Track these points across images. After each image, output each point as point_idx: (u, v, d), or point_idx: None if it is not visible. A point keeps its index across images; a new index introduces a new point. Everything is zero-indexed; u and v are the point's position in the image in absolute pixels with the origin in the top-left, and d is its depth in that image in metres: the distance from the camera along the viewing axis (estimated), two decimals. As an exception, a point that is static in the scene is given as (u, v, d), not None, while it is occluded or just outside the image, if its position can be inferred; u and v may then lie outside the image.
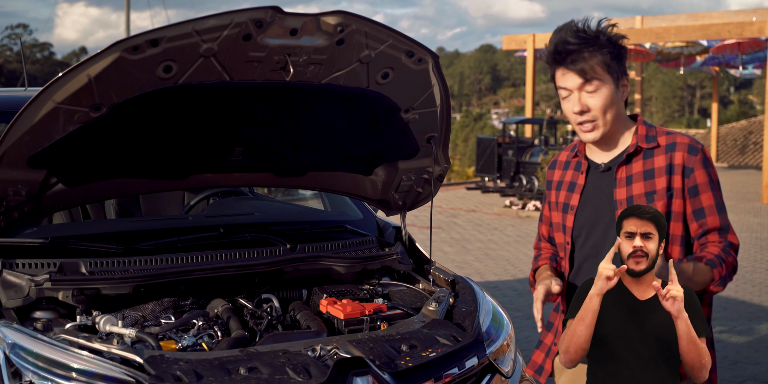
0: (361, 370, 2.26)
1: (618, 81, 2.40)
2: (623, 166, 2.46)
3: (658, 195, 2.39)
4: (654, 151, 2.42)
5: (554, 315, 2.64)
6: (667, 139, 2.43)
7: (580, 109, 2.41)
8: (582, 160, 2.56)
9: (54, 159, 2.50)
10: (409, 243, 3.33)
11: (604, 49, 2.38)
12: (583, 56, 2.37)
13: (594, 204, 2.51)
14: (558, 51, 2.41)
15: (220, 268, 2.75)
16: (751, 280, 8.61)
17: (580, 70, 2.37)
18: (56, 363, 2.18)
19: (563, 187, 2.61)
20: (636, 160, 2.44)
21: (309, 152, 2.99)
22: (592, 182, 2.53)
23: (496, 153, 17.36)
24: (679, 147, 2.39)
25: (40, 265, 2.58)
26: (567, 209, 2.56)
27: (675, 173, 2.39)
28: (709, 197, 2.38)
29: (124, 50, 2.27)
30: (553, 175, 2.67)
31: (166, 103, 2.51)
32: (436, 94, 2.84)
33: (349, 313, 2.68)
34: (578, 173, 2.56)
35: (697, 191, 2.39)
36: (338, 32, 2.49)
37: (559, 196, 2.61)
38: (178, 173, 2.89)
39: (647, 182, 2.41)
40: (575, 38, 2.39)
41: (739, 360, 5.67)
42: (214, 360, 2.25)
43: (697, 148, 2.40)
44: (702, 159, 2.39)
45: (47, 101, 2.31)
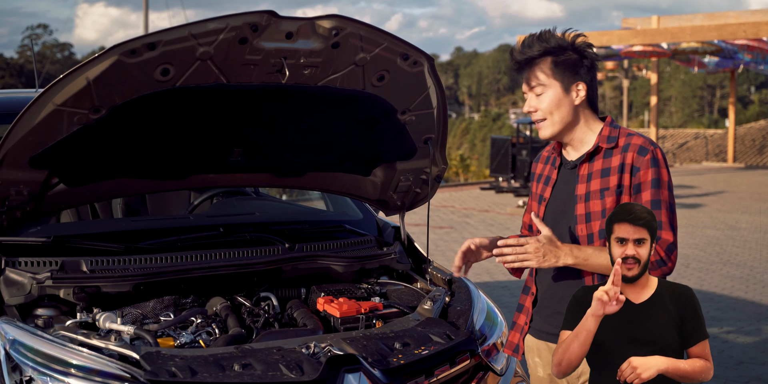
0: (353, 367, 2.30)
1: (569, 85, 2.59)
2: (585, 164, 2.62)
3: (609, 191, 2.54)
4: (612, 151, 2.59)
5: (523, 297, 2.73)
6: (626, 140, 2.60)
7: (528, 109, 2.64)
8: (556, 156, 2.73)
9: (55, 159, 2.56)
10: (408, 243, 3.37)
11: (550, 56, 2.58)
12: (528, 65, 2.59)
13: (561, 198, 2.66)
14: (513, 62, 2.64)
15: (220, 266, 2.81)
16: (761, 281, 8.58)
17: (525, 79, 2.61)
18: (55, 359, 2.24)
19: (542, 180, 2.78)
20: (597, 158, 2.61)
21: (307, 153, 3.04)
22: (562, 178, 2.69)
23: (510, 153, 17.35)
24: (632, 147, 2.56)
25: (42, 263, 2.64)
26: (540, 200, 2.73)
27: (625, 172, 2.55)
28: (648, 194, 2.52)
29: (122, 53, 2.33)
30: (536, 168, 2.85)
31: (164, 105, 2.56)
32: (432, 96, 2.88)
33: (345, 312, 2.73)
34: (552, 168, 2.74)
35: (639, 189, 2.53)
36: (333, 36, 2.53)
37: (537, 188, 2.78)
38: (178, 174, 2.94)
39: (603, 179, 2.57)
40: (522, 49, 2.61)
41: (745, 360, 5.67)
42: (209, 356, 2.30)
43: (647, 149, 2.56)
44: (651, 159, 2.54)
45: (47, 103, 2.38)
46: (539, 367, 2.72)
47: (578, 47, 2.61)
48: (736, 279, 8.63)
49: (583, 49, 2.62)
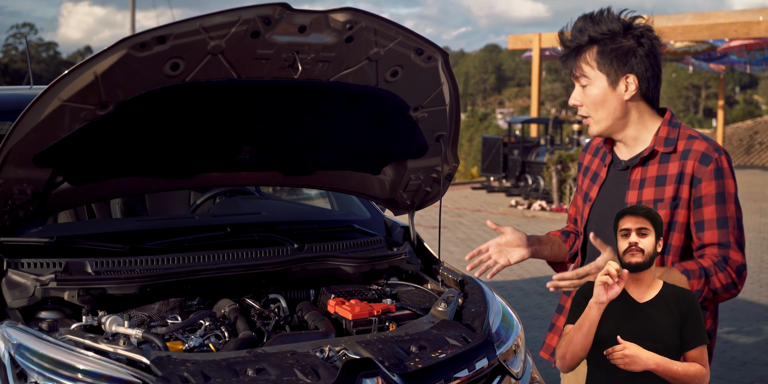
0: (370, 372, 2.23)
1: (617, 78, 2.35)
2: (638, 168, 2.42)
3: (663, 203, 2.34)
4: (670, 156, 2.37)
5: (564, 298, 2.63)
6: (686, 144, 2.35)
7: (573, 102, 2.44)
8: (608, 152, 2.53)
9: (60, 157, 2.48)
10: (417, 243, 3.30)
11: (597, 45, 2.34)
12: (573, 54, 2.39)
13: (609, 201, 2.48)
14: (561, 44, 2.44)
15: (227, 267, 2.73)
16: (758, 281, 8.56)
17: (570, 69, 2.42)
18: (61, 364, 2.16)
19: (588, 174, 2.60)
20: (652, 163, 2.39)
21: (317, 151, 2.96)
22: (611, 178, 2.50)
23: (501, 152, 17.32)
24: (693, 154, 2.32)
25: (45, 264, 2.56)
26: (586, 199, 2.57)
27: (684, 183, 2.33)
28: (712, 211, 2.31)
29: (131, 47, 2.24)
30: (584, 158, 2.66)
31: (173, 101, 2.48)
32: (446, 92, 2.81)
33: (358, 314, 2.66)
34: (602, 165, 2.54)
35: (701, 203, 2.33)
36: (347, 29, 2.46)
37: (584, 183, 2.61)
38: (185, 172, 2.86)
39: (657, 189, 2.37)
40: (573, 33, 2.39)
41: (747, 361, 5.63)
42: (221, 361, 2.22)
43: (710, 158, 2.31)
44: (714, 169, 2.31)
45: (53, 99, 2.29)
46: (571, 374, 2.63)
47: (633, 32, 2.34)
48: (732, 279, 8.59)
49: (641, 33, 2.35)
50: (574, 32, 2.40)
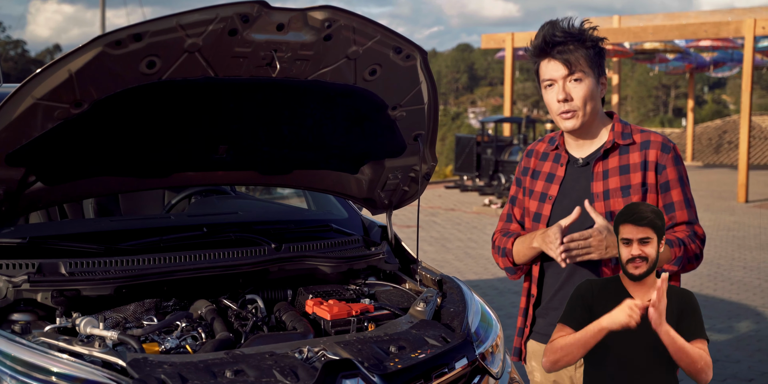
0: (350, 373, 2.21)
1: (598, 77, 2.54)
2: (600, 161, 2.56)
3: (634, 189, 2.51)
4: (629, 148, 2.55)
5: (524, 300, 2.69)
6: (642, 136, 2.56)
7: (564, 96, 2.51)
8: (562, 153, 2.65)
9: (33, 157, 2.43)
10: (395, 242, 3.29)
11: (587, 43, 2.52)
12: (569, 48, 2.50)
13: (572, 196, 2.59)
14: (546, 42, 2.52)
15: (204, 268, 2.70)
16: (729, 279, 8.64)
17: (566, 60, 2.49)
18: (35, 367, 2.12)
19: (540, 176, 2.69)
20: (612, 155, 2.56)
21: (294, 150, 2.94)
22: (570, 175, 2.63)
23: (474, 152, 17.35)
24: (653, 145, 2.53)
25: (17, 265, 2.51)
26: (545, 199, 2.64)
27: (649, 170, 2.52)
28: (678, 193, 2.52)
29: (107, 45, 2.21)
30: (530, 163, 2.75)
31: (149, 99, 2.44)
32: (424, 91, 2.80)
33: (336, 314, 2.63)
34: (558, 165, 2.66)
35: (668, 187, 2.52)
36: (326, 28, 2.44)
37: (535, 185, 2.69)
38: (161, 171, 2.83)
39: (623, 177, 2.53)
40: (562, 33, 2.52)
41: (719, 358, 5.67)
42: (199, 363, 2.19)
43: (669, 147, 2.54)
44: (673, 157, 2.53)
45: (26, 97, 2.24)
46: (536, 372, 2.67)
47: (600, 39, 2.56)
48: (704, 277, 8.68)
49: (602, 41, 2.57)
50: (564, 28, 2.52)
